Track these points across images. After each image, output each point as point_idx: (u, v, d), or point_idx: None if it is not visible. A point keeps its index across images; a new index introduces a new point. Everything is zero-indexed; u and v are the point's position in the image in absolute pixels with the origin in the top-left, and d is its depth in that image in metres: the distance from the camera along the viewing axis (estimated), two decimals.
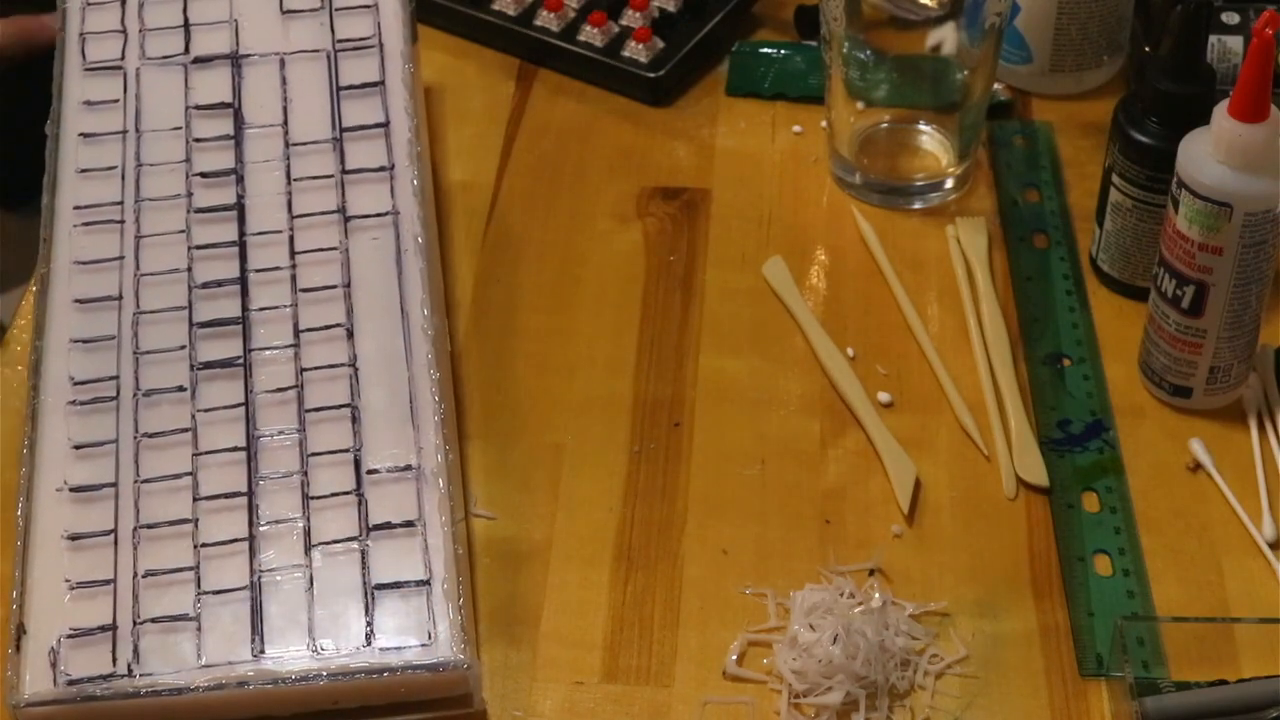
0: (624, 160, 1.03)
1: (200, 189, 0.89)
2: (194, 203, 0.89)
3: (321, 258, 0.86)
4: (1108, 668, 0.77)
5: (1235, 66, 0.97)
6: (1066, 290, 0.94)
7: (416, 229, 0.87)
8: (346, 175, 0.89)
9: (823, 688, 0.75)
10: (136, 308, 0.85)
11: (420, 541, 0.77)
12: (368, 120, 0.91)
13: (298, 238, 0.87)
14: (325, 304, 0.85)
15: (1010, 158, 1.02)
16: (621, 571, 0.82)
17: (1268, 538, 0.82)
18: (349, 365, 0.82)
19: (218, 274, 0.86)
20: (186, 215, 0.88)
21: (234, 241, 0.87)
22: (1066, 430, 0.87)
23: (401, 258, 0.86)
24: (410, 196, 0.88)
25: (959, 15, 0.94)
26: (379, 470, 0.79)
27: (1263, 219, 0.81)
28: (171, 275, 0.86)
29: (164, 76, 0.94)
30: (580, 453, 0.87)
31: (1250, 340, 0.87)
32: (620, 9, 1.09)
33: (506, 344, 0.92)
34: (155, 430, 0.81)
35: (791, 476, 0.86)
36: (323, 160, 0.90)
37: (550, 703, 0.77)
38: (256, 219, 0.88)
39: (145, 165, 0.90)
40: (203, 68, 0.94)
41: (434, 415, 0.81)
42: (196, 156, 0.90)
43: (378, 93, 0.92)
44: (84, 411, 0.82)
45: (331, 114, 0.91)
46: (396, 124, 0.91)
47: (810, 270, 0.96)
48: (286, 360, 0.83)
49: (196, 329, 0.84)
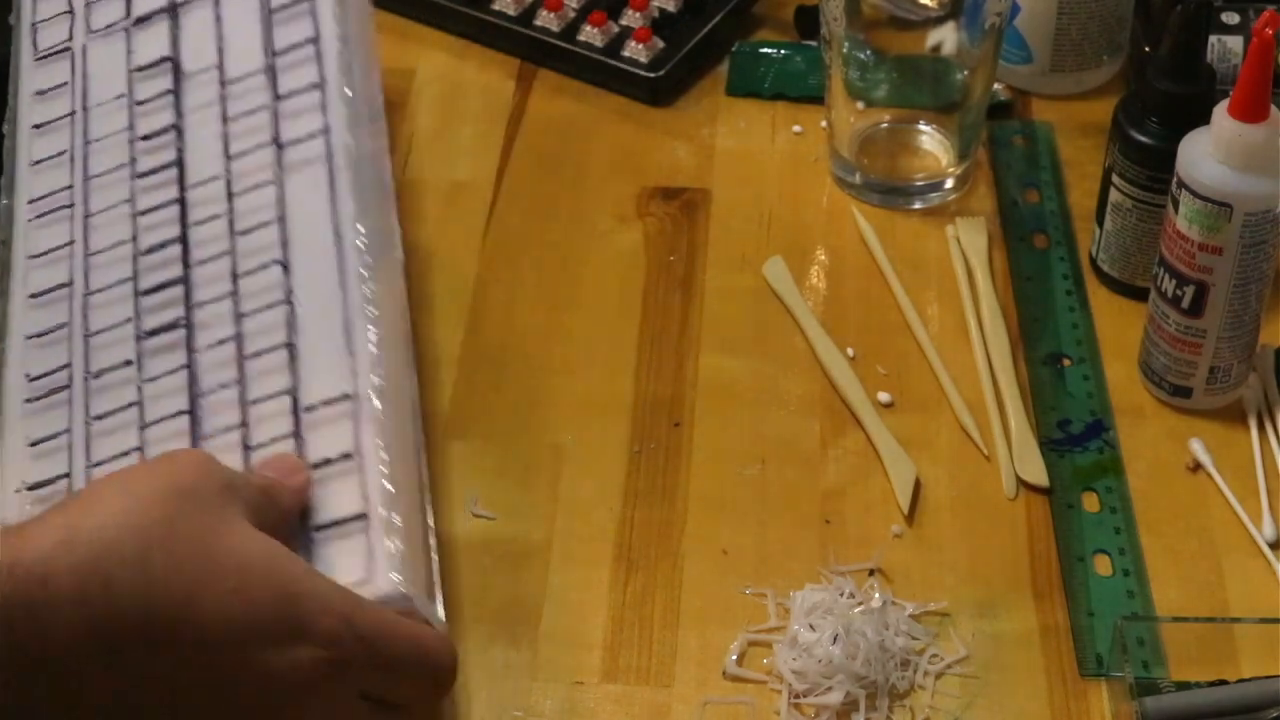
0: (624, 160, 1.03)
1: (143, 154, 0.85)
2: (136, 168, 0.85)
3: (257, 197, 0.81)
4: (1108, 668, 0.77)
5: (1235, 66, 0.97)
6: (1066, 290, 0.94)
7: (347, 140, 0.81)
8: (280, 102, 0.84)
9: (823, 688, 0.75)
10: (85, 289, 0.82)
11: (356, 475, 0.72)
12: (296, 39, 0.85)
13: (234, 180, 0.83)
14: (261, 242, 0.80)
15: (1010, 158, 1.02)
16: (621, 571, 0.82)
17: (1268, 538, 0.82)
18: (284, 302, 0.78)
19: (161, 237, 0.82)
20: (131, 184, 0.84)
21: (175, 200, 0.83)
22: (1066, 430, 0.87)
23: (334, 177, 0.80)
24: (341, 110, 0.82)
25: (959, 15, 0.94)
26: (315, 406, 0.75)
27: (1263, 219, 0.81)
28: (118, 249, 0.82)
29: (107, 46, 0.90)
30: (580, 453, 0.87)
31: (1250, 340, 0.87)
32: (620, 9, 1.09)
33: (506, 344, 0.92)
34: (104, 411, 0.78)
35: (791, 476, 0.86)
36: (257, 94, 0.85)
37: (550, 703, 0.77)
38: (195, 170, 0.83)
39: (92, 142, 0.87)
40: (143, 28, 0.90)
41: (370, 337, 0.75)
42: (139, 121, 0.86)
43: (307, 9, 0.86)
44: (39, 408, 0.80)
45: (263, 41, 0.86)
46: (326, 36, 0.85)
47: (810, 270, 0.96)
48: (226, 310, 0.79)
49: (141, 299, 0.80)
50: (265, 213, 0.81)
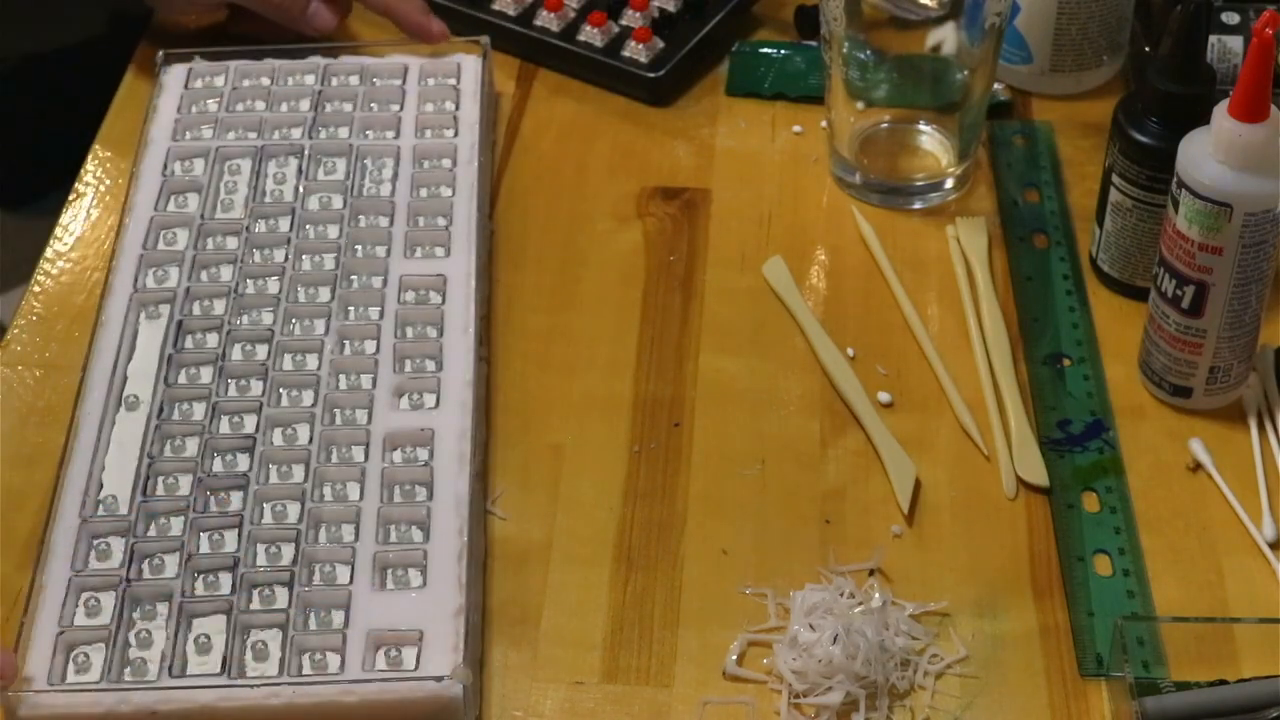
0: (624, 160, 1.03)
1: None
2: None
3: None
4: (1108, 668, 0.77)
5: (1235, 66, 0.97)
6: (1066, 290, 0.94)
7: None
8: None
9: (823, 688, 0.75)
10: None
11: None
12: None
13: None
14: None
15: (1010, 158, 1.02)
16: (621, 571, 0.82)
17: (1268, 538, 0.82)
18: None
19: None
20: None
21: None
22: (1066, 430, 0.87)
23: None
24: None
25: (959, 15, 0.94)
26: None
27: (1263, 219, 0.81)
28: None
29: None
30: (580, 453, 0.87)
31: (1250, 340, 0.87)
32: (620, 9, 1.09)
33: (506, 344, 0.92)
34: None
35: (791, 476, 0.86)
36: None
37: (550, 703, 0.77)
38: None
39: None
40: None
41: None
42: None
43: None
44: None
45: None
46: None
47: (810, 270, 0.96)
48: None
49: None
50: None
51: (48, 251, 0.97)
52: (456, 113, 1.01)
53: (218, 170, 0.97)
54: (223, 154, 0.98)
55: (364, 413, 0.85)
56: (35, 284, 0.95)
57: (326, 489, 0.81)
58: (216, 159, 0.98)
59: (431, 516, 0.80)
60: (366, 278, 0.91)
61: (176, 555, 0.79)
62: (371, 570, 0.78)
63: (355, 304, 0.90)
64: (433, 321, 0.89)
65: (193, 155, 0.98)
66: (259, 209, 0.94)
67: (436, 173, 0.97)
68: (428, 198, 0.95)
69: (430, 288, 0.90)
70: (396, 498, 0.81)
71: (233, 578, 0.78)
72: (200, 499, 0.81)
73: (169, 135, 0.99)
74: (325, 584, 0.78)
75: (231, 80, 1.03)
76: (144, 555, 0.79)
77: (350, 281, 0.91)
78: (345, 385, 0.86)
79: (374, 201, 0.95)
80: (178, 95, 1.02)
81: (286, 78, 1.03)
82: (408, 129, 1.00)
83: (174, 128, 1.00)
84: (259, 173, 0.97)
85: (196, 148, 0.98)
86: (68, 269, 0.96)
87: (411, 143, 0.99)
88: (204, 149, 0.98)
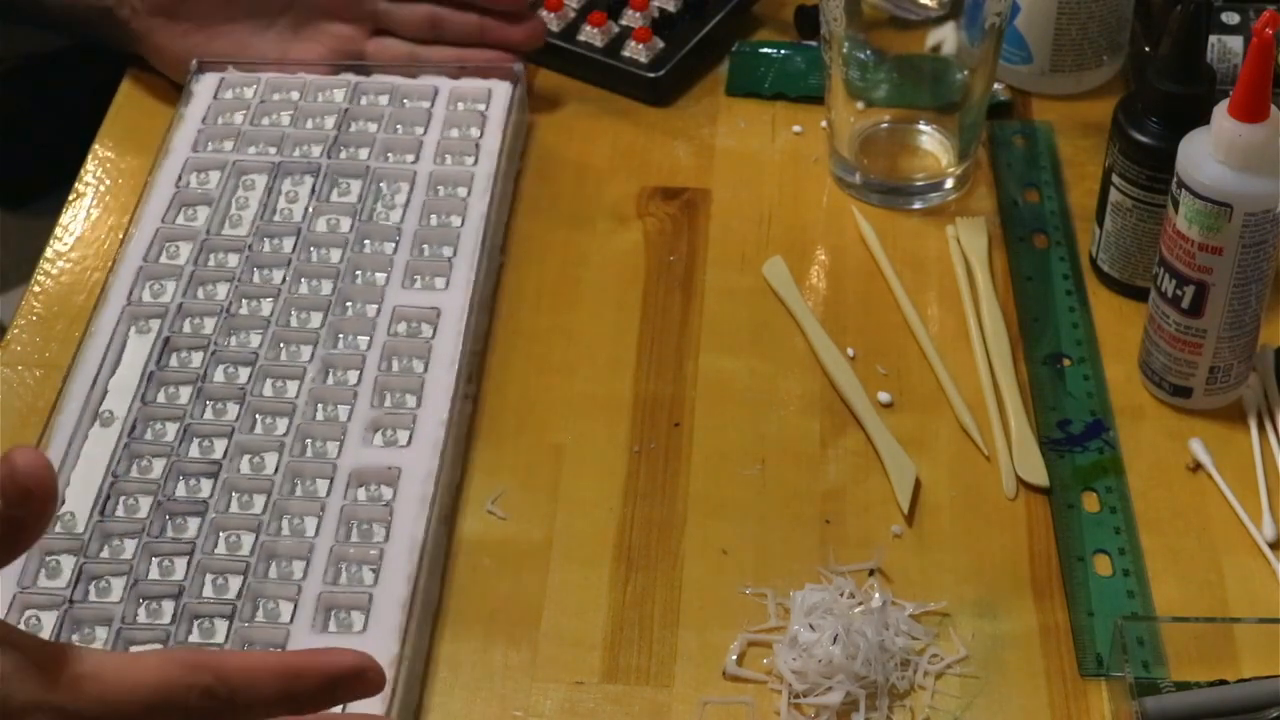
0: (624, 160, 1.03)
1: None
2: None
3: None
4: (1108, 668, 0.77)
5: (1235, 66, 0.97)
6: (1066, 290, 0.94)
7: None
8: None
9: (823, 688, 0.75)
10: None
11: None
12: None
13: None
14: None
15: (1010, 158, 1.02)
16: (621, 571, 0.82)
17: (1268, 538, 0.82)
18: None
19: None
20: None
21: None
22: (1066, 430, 0.87)
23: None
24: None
25: (959, 15, 0.94)
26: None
27: (1263, 219, 0.81)
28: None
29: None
30: (580, 453, 0.87)
31: (1250, 340, 0.87)
32: (620, 9, 1.09)
33: (506, 344, 0.92)
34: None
35: (791, 476, 0.86)
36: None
37: (550, 703, 0.77)
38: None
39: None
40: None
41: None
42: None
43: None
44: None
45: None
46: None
47: (810, 270, 0.96)
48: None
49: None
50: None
51: (48, 251, 0.97)
52: (480, 140, 0.99)
53: (231, 185, 0.96)
54: (239, 168, 0.97)
55: (335, 445, 0.83)
56: (35, 284, 0.96)
57: (284, 522, 0.79)
58: (232, 173, 0.96)
59: (384, 559, 0.78)
60: (361, 305, 0.89)
61: (124, 579, 0.77)
62: (314, 610, 0.76)
63: (345, 331, 0.88)
64: (420, 355, 0.87)
65: (210, 167, 0.97)
66: (265, 227, 0.93)
67: (450, 201, 0.95)
68: (436, 226, 0.94)
69: (423, 320, 0.89)
70: (354, 536, 0.79)
71: (175, 607, 0.76)
72: (157, 522, 0.79)
73: (190, 145, 0.98)
74: (267, 620, 0.76)
75: (261, 93, 1.01)
76: (92, 576, 0.77)
77: (345, 308, 0.89)
78: (321, 415, 0.84)
79: (381, 227, 0.93)
80: (205, 104, 1.00)
81: (316, 93, 1.01)
82: (428, 153, 0.98)
83: (196, 138, 0.98)
84: (273, 190, 0.95)
85: (215, 160, 0.97)
86: (68, 269, 0.96)
87: (429, 168, 0.97)
88: (222, 161, 0.97)
